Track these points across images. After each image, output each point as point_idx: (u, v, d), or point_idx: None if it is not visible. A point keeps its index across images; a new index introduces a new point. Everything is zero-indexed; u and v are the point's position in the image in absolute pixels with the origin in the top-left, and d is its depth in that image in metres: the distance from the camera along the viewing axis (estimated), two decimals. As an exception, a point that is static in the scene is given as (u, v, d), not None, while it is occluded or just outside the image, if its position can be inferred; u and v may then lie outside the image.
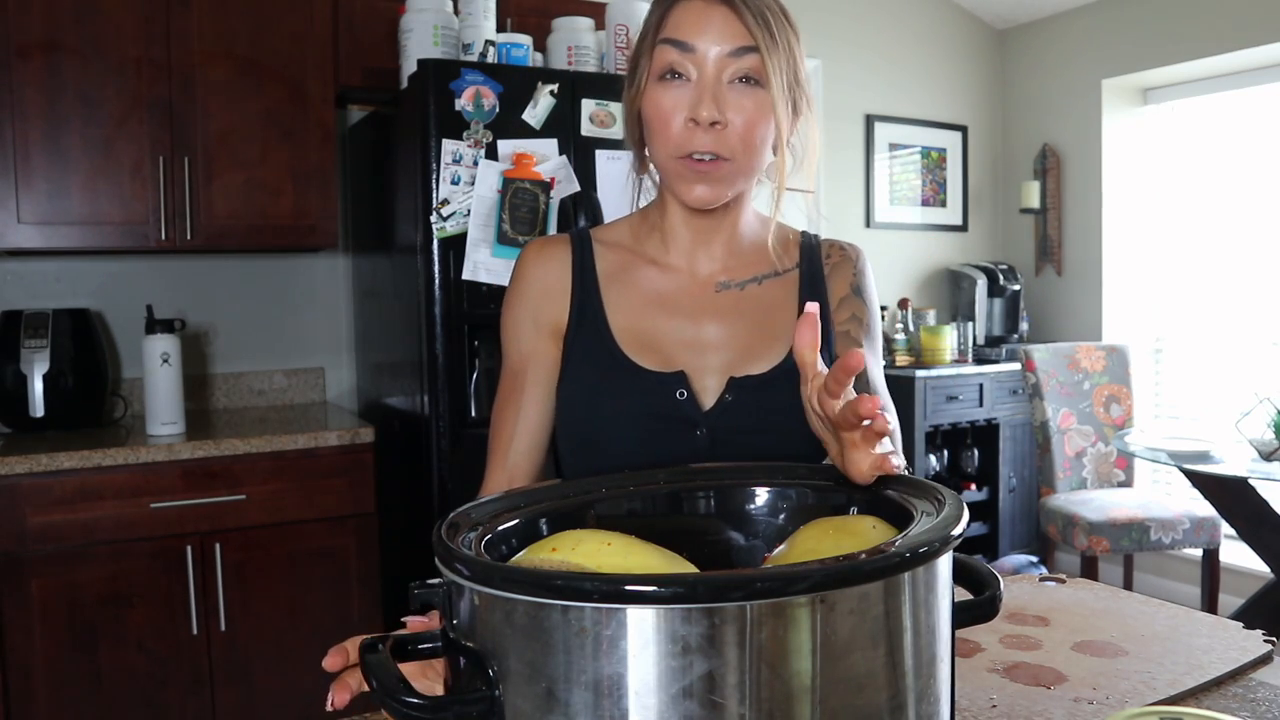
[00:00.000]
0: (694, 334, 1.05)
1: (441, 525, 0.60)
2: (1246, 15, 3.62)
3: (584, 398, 1.03)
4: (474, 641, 0.52)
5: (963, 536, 0.56)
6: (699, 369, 1.03)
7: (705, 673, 0.47)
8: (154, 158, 2.51)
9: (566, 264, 1.08)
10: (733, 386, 1.02)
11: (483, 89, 2.36)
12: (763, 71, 0.96)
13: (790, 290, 1.09)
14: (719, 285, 1.08)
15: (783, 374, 1.03)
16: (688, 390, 1.02)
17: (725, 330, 1.05)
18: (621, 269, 1.09)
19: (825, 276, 1.10)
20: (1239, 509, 2.92)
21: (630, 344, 1.04)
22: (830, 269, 1.11)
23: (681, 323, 1.05)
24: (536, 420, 1.05)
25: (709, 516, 0.74)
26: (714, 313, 1.06)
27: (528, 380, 1.06)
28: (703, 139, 0.96)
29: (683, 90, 0.97)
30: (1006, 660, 0.93)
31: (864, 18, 4.17)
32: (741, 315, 1.06)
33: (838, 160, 4.15)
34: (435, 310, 2.33)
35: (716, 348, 1.04)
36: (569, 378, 1.04)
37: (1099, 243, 4.20)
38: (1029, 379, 3.57)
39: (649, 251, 1.10)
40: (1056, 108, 4.35)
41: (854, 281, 1.11)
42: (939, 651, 0.55)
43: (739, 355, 1.04)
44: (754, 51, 0.96)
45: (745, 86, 0.97)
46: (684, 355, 1.04)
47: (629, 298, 1.07)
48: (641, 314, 1.06)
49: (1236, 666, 0.89)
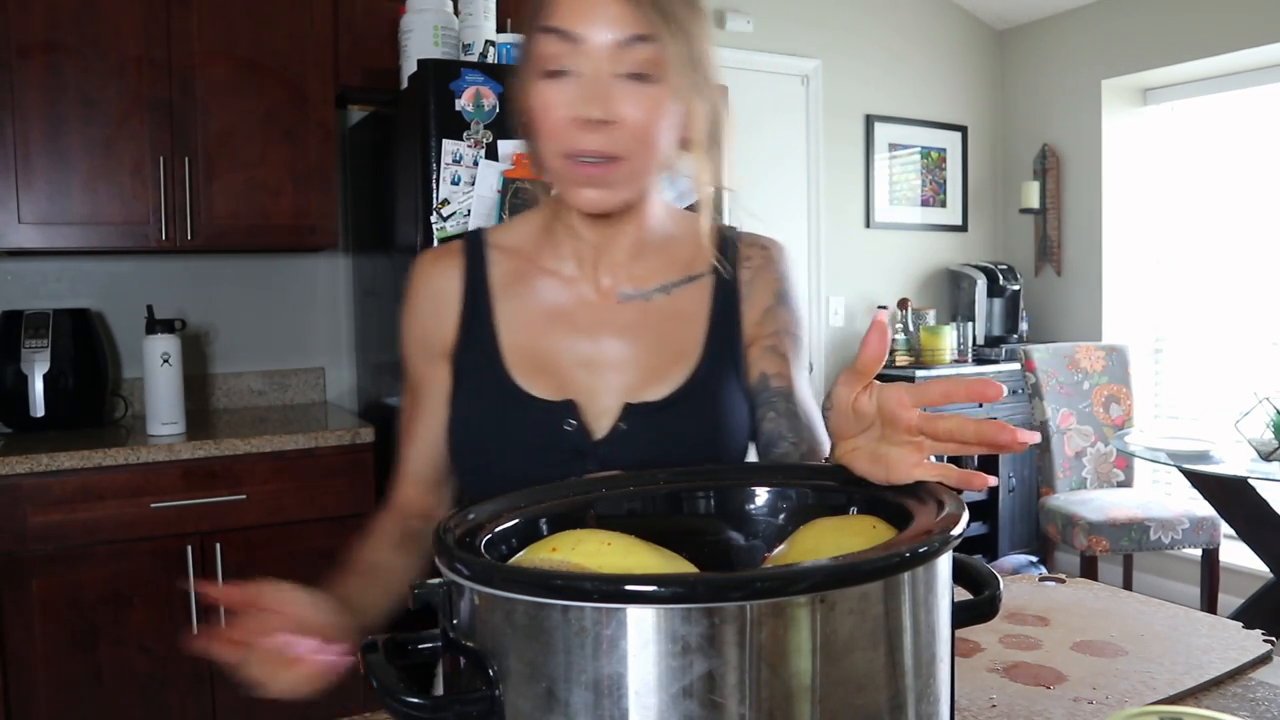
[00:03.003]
0: (591, 353, 0.95)
1: (441, 525, 0.60)
2: (1246, 15, 3.62)
3: (469, 426, 0.95)
4: (474, 641, 0.52)
5: (962, 536, 0.56)
6: (594, 393, 0.94)
7: (705, 673, 0.47)
8: (154, 158, 2.51)
9: (457, 276, 0.99)
10: (628, 414, 0.92)
11: (483, 89, 2.36)
12: (659, 62, 0.86)
13: (702, 298, 0.98)
14: (622, 296, 0.97)
15: (685, 397, 0.93)
16: (577, 420, 0.92)
17: (626, 348, 0.95)
18: (517, 278, 0.99)
19: (744, 281, 0.99)
20: (1238, 509, 2.93)
21: (520, 366, 0.95)
22: (751, 273, 1.00)
23: (578, 340, 0.96)
24: (431, 448, 0.99)
25: (709, 516, 0.74)
26: (615, 328, 0.96)
27: (421, 408, 1.00)
28: (591, 139, 0.86)
29: (568, 85, 0.86)
30: (1006, 660, 0.93)
31: (864, 18, 4.17)
32: (646, 330, 0.96)
33: (838, 160, 4.15)
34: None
35: (615, 368, 0.94)
36: (456, 403, 0.97)
37: (1099, 243, 4.20)
38: (1029, 379, 3.57)
39: (546, 259, 0.99)
40: (1056, 108, 4.35)
41: (779, 288, 1.01)
42: (939, 651, 0.55)
43: (640, 377, 0.94)
44: (648, 40, 0.85)
45: (639, 79, 0.86)
46: (579, 378, 0.94)
47: (523, 312, 0.97)
48: (535, 331, 0.96)
49: (1236, 666, 0.89)
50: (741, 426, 0.96)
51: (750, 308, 0.99)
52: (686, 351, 0.95)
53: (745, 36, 3.84)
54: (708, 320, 0.97)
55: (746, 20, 3.82)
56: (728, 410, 0.95)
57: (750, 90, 3.79)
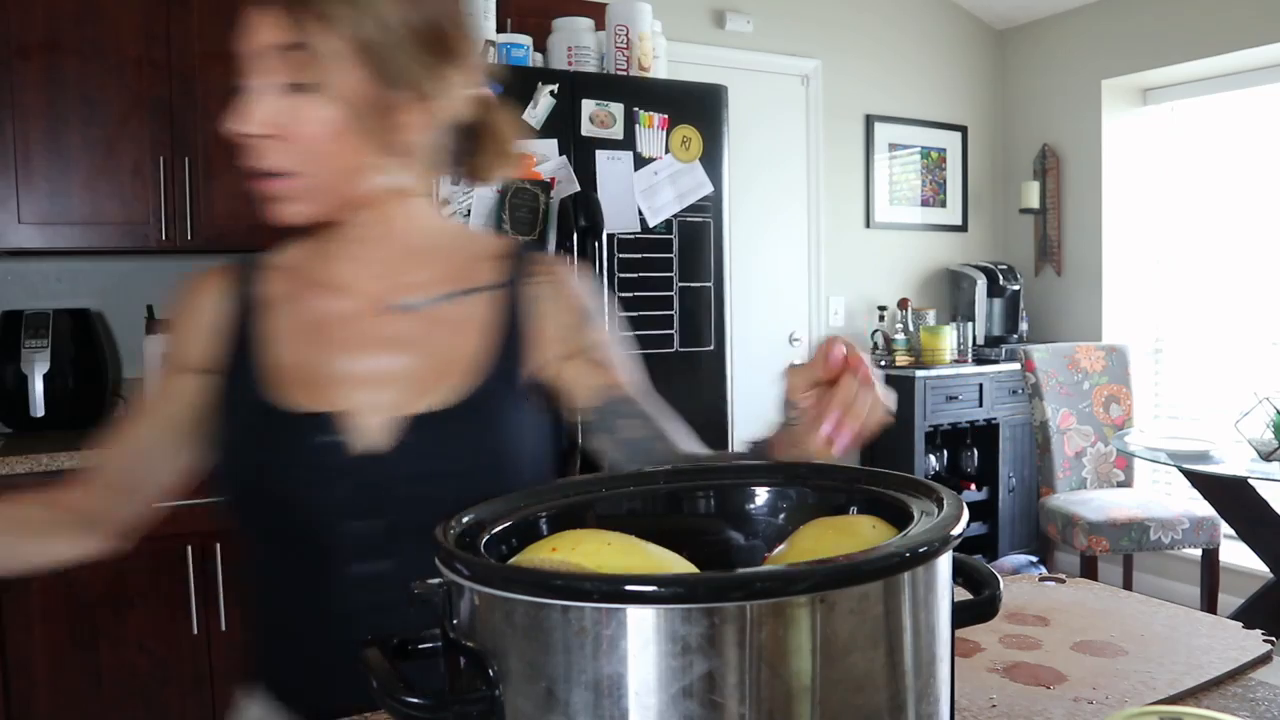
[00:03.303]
0: (361, 366, 0.91)
1: (441, 525, 0.60)
2: (1246, 15, 3.63)
3: (230, 447, 0.92)
4: (474, 641, 0.52)
5: (963, 536, 0.56)
6: (363, 406, 0.89)
7: (705, 673, 0.47)
8: (154, 158, 2.51)
9: (223, 296, 0.96)
10: (401, 428, 0.88)
11: (483, 89, 2.36)
12: (315, 67, 0.82)
13: (487, 309, 0.94)
14: (396, 306, 0.93)
15: (461, 410, 0.89)
16: (342, 434, 0.88)
17: (400, 359, 0.91)
18: (287, 296, 0.95)
19: (534, 298, 0.96)
20: (1238, 509, 2.93)
21: (286, 383, 0.91)
22: (544, 289, 0.96)
23: (347, 354, 0.92)
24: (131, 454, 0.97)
25: (709, 516, 0.74)
26: (387, 340, 0.92)
27: (142, 414, 0.98)
28: (260, 154, 0.86)
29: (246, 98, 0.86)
30: (1006, 660, 0.93)
31: (864, 18, 4.17)
32: (422, 341, 0.92)
33: (838, 160, 4.15)
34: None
35: (386, 381, 0.90)
36: (218, 425, 0.93)
37: (1099, 243, 4.20)
38: (1029, 379, 3.57)
39: (319, 273, 0.95)
40: (1056, 108, 4.35)
41: (580, 304, 0.98)
42: (939, 651, 0.55)
43: (413, 389, 0.90)
44: (299, 48, 0.82)
45: (301, 89, 0.83)
46: (347, 392, 0.90)
47: (291, 329, 0.93)
48: (303, 347, 0.92)
49: (1236, 666, 0.89)
50: (527, 445, 0.92)
51: (548, 325, 0.95)
52: (464, 364, 0.91)
53: (745, 36, 3.84)
54: (490, 333, 0.93)
55: (746, 20, 3.82)
56: (508, 425, 0.91)
57: (750, 90, 3.79)
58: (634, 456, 0.94)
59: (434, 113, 0.90)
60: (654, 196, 2.58)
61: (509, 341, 0.93)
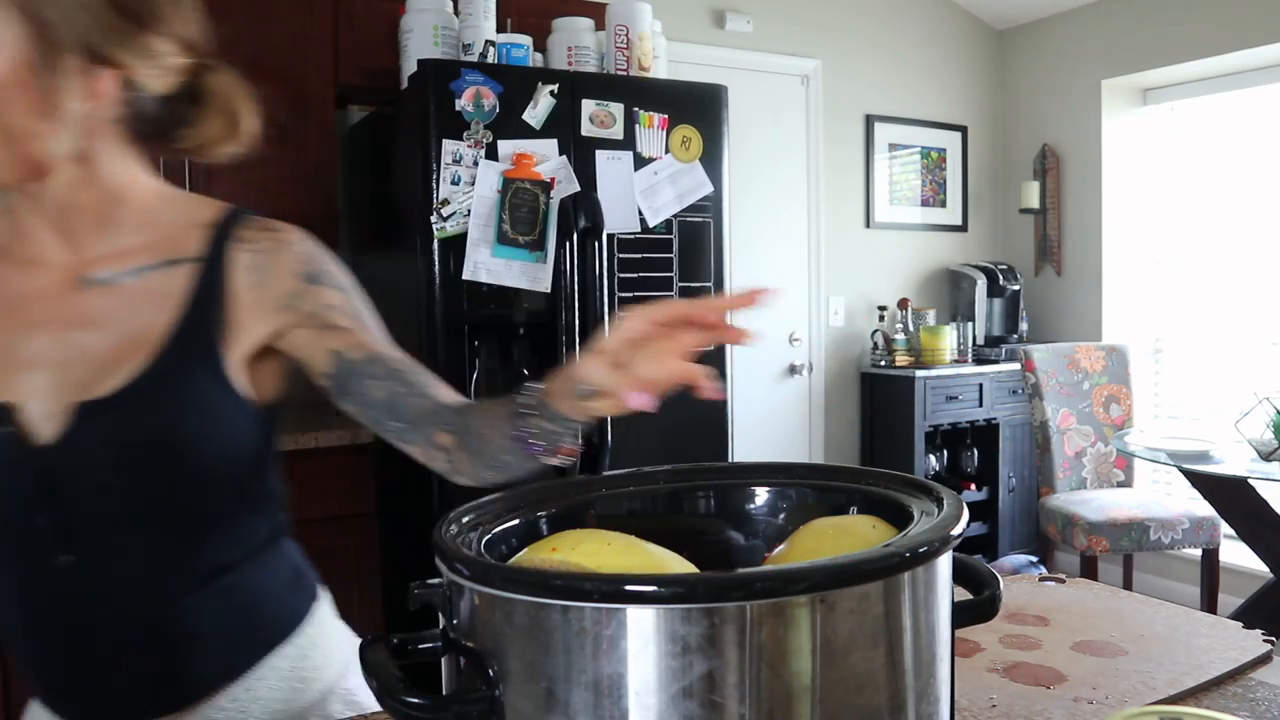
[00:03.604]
0: (41, 347, 0.84)
1: (441, 525, 0.60)
2: (1246, 15, 3.63)
3: None
4: (474, 641, 0.52)
5: (962, 536, 0.56)
6: (39, 392, 0.82)
7: (705, 673, 0.47)
8: (154, 158, 2.51)
9: None
10: (73, 414, 0.81)
11: (483, 89, 2.36)
12: None
13: (178, 283, 0.87)
14: (87, 280, 0.86)
15: (137, 391, 0.82)
16: (12, 424, 0.81)
17: (83, 339, 0.84)
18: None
19: (243, 266, 0.90)
20: (1238, 509, 2.93)
21: None
22: (257, 258, 0.90)
23: (27, 334, 0.85)
24: None
25: (709, 516, 0.74)
26: (71, 318, 0.85)
27: None
28: None
29: None
30: (1006, 660, 0.93)
31: (864, 18, 4.17)
32: (109, 319, 0.85)
33: (838, 160, 4.15)
34: (435, 310, 2.33)
35: (66, 363, 0.83)
36: None
37: (1099, 243, 4.20)
38: (1029, 379, 3.57)
39: (11, 246, 0.89)
40: (1056, 108, 4.35)
41: (305, 270, 0.92)
42: (939, 651, 0.55)
43: (91, 371, 0.83)
44: None
45: None
46: (23, 377, 0.83)
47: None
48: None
49: (1236, 666, 0.89)
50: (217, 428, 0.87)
51: (262, 293, 0.89)
52: (147, 343, 0.84)
53: (745, 36, 3.84)
54: (181, 309, 0.86)
55: (746, 20, 3.82)
56: (195, 405, 0.85)
57: (750, 90, 3.79)
58: (384, 416, 0.91)
59: (125, 80, 0.84)
60: (654, 196, 2.58)
61: (203, 316, 0.87)
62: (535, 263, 2.41)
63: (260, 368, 0.91)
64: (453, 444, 0.88)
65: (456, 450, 0.88)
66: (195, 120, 0.93)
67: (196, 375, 0.85)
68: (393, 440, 0.92)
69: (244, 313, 0.88)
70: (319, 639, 0.99)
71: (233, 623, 0.91)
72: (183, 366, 0.85)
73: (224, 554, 0.91)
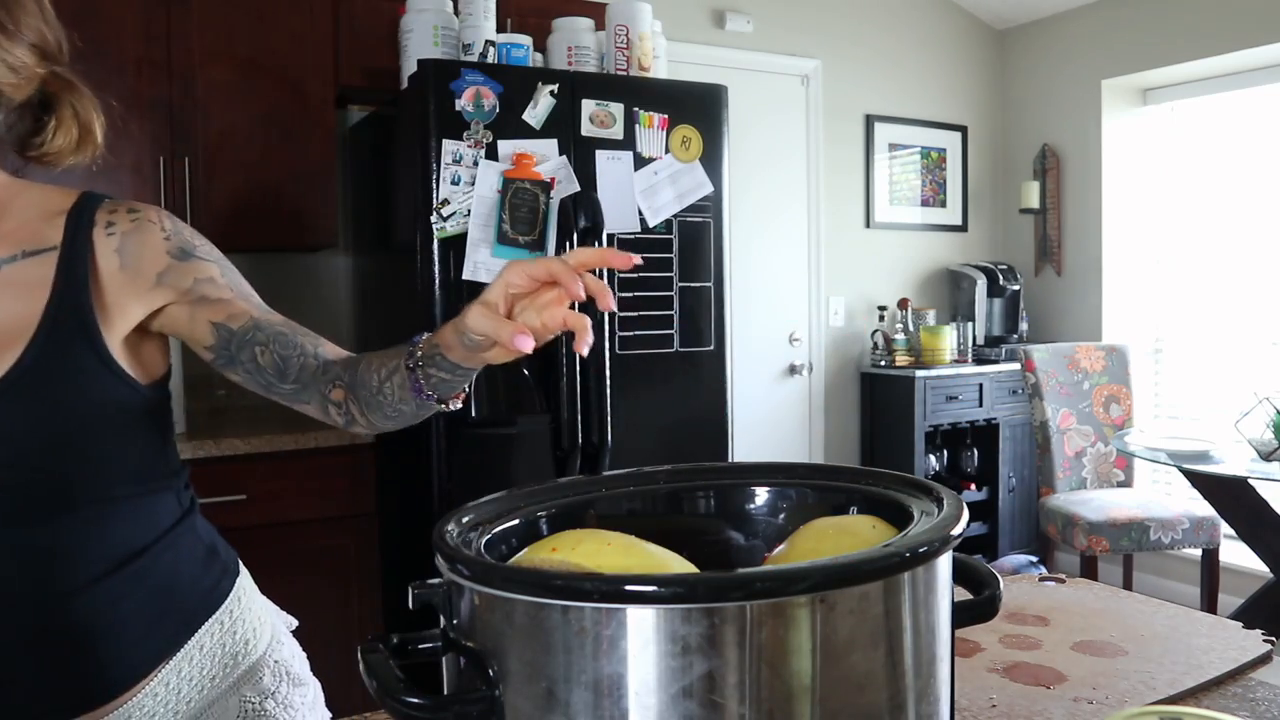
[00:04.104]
0: None
1: (441, 525, 0.60)
2: (1246, 15, 3.63)
3: None
4: (474, 641, 0.52)
5: (962, 536, 0.56)
6: None
7: (705, 673, 0.47)
8: (154, 158, 2.51)
9: None
10: None
11: (483, 89, 2.36)
12: None
13: (42, 272, 0.86)
14: None
15: (14, 383, 0.82)
16: None
17: None
18: None
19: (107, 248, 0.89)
20: (1238, 509, 2.93)
21: None
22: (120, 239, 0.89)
23: None
24: None
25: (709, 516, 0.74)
26: None
27: None
28: None
29: None
30: (1006, 660, 0.93)
31: (864, 18, 4.17)
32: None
33: (838, 160, 4.15)
34: (435, 310, 2.33)
35: None
36: None
37: (1099, 243, 4.20)
38: (1028, 379, 3.57)
39: None
40: (1056, 108, 4.35)
41: (172, 246, 0.92)
42: (939, 651, 0.55)
43: None
44: None
45: None
46: None
47: None
48: None
49: (1236, 666, 0.89)
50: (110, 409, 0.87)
51: (129, 275, 0.89)
52: (18, 334, 0.83)
53: (745, 36, 3.84)
54: (49, 296, 0.85)
55: (746, 20, 3.82)
56: (78, 392, 0.85)
57: (750, 90, 3.79)
58: (274, 380, 0.92)
59: None
60: (654, 196, 2.58)
61: (71, 298, 0.86)
62: (535, 263, 2.40)
63: (140, 347, 0.91)
64: (345, 398, 0.90)
65: (350, 403, 0.91)
66: (46, 129, 0.92)
67: (76, 360, 0.85)
68: (287, 402, 0.94)
69: (116, 294, 0.88)
70: (243, 614, 0.99)
71: (150, 607, 0.91)
72: (60, 353, 0.84)
73: (130, 538, 0.90)
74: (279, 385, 0.92)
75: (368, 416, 0.91)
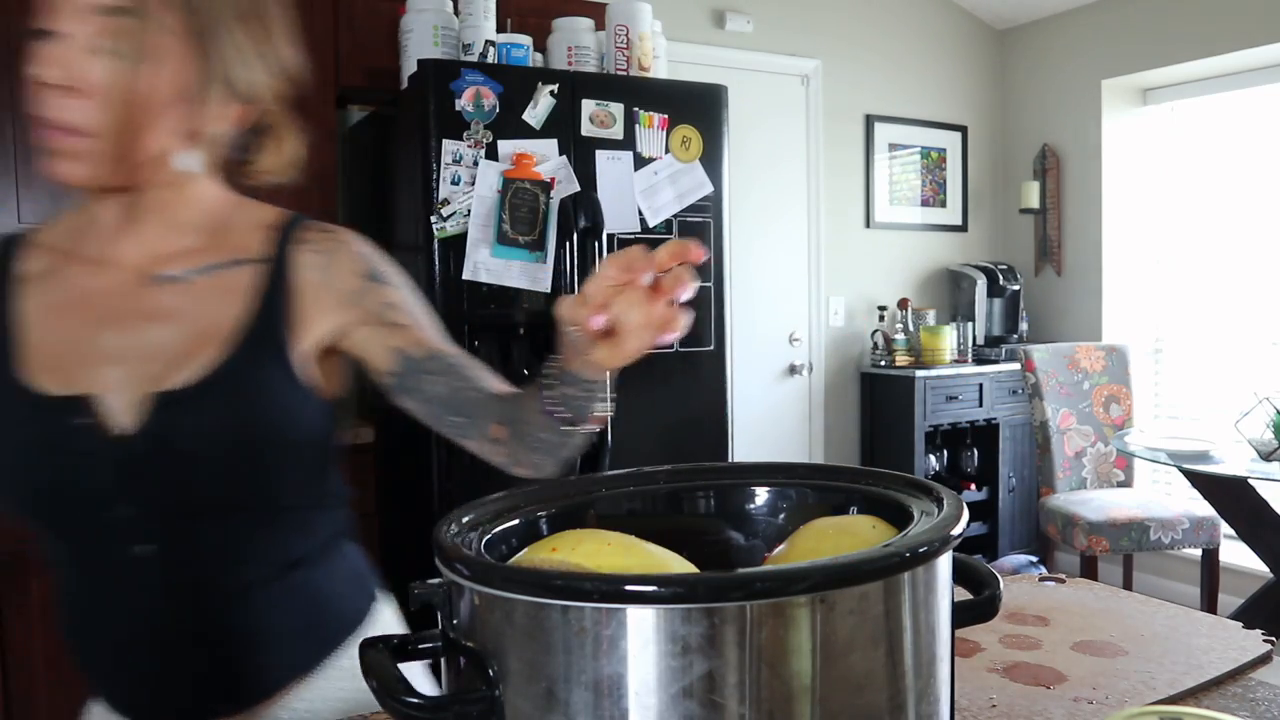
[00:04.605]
0: (117, 342, 0.87)
1: (441, 525, 0.60)
2: (1246, 15, 3.63)
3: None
4: (474, 641, 0.52)
5: (962, 536, 0.56)
6: (117, 385, 0.85)
7: (705, 673, 0.47)
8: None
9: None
10: (151, 405, 0.84)
11: (483, 89, 2.36)
12: (141, 40, 0.81)
13: (249, 281, 0.90)
14: (158, 278, 0.89)
15: (213, 384, 0.85)
16: (92, 415, 0.83)
17: (157, 333, 0.87)
18: (49, 272, 0.91)
19: (305, 265, 0.92)
20: (1238, 509, 2.93)
21: (37, 363, 0.86)
22: (318, 258, 0.93)
23: (103, 329, 0.87)
24: None
25: (709, 516, 0.74)
26: (146, 313, 0.88)
27: None
28: (54, 105, 0.81)
29: (45, 45, 0.82)
30: (1006, 660, 0.93)
31: (864, 18, 4.17)
32: (181, 315, 0.88)
33: (838, 160, 4.15)
34: (435, 310, 2.33)
35: (142, 356, 0.86)
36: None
37: (1099, 243, 4.20)
38: (1029, 379, 3.57)
39: (80, 245, 0.92)
40: (1056, 108, 4.35)
41: (364, 269, 0.94)
42: (939, 651, 0.55)
43: (169, 364, 0.85)
44: (128, 14, 0.80)
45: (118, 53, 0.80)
46: (101, 370, 0.85)
47: (48, 306, 0.89)
48: (58, 324, 0.88)
49: (1236, 666, 0.89)
50: (294, 422, 0.89)
51: (325, 293, 0.92)
52: (218, 336, 0.87)
53: (745, 36, 3.84)
54: (250, 304, 0.89)
55: (746, 20, 3.82)
56: (268, 398, 0.87)
57: (750, 90, 3.79)
58: (444, 412, 0.93)
59: (240, 111, 0.90)
60: (654, 196, 2.58)
61: (271, 310, 0.89)
62: (535, 263, 2.41)
63: (323, 364, 0.93)
64: (505, 435, 0.90)
65: (510, 441, 0.90)
66: (258, 148, 0.97)
67: (267, 367, 0.88)
68: (451, 436, 0.94)
69: (309, 308, 0.91)
70: None
71: (300, 619, 0.93)
72: (254, 358, 0.87)
73: (293, 548, 0.92)
74: (447, 418, 0.93)
75: (525, 454, 0.89)
